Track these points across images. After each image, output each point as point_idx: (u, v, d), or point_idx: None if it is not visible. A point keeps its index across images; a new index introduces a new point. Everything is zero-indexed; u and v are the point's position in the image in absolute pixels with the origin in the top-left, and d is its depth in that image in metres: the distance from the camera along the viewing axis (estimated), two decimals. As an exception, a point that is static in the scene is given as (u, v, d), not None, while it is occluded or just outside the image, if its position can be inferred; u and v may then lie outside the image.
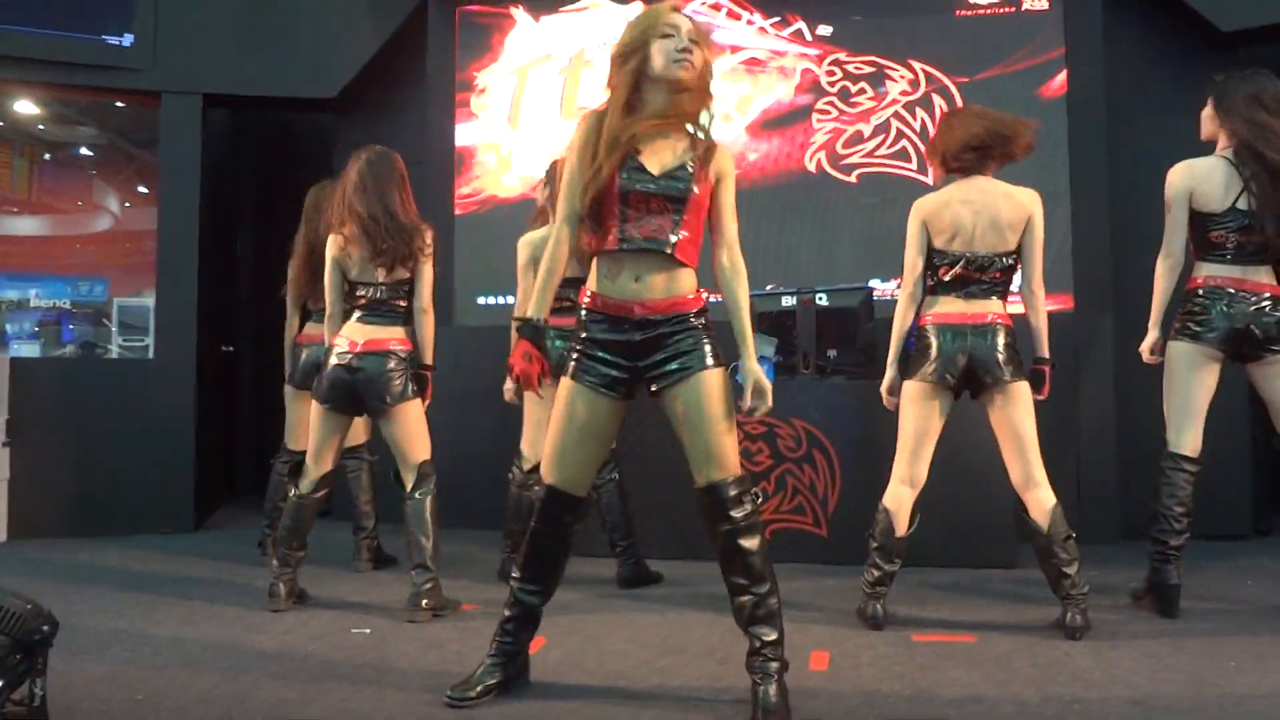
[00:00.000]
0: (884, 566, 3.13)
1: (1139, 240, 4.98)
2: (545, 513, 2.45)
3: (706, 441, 2.30)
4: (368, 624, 3.22)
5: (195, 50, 5.56)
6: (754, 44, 5.43)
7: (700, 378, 2.31)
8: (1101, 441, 4.85)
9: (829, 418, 4.25)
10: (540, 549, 2.48)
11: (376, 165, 3.44)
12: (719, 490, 2.31)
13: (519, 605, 2.47)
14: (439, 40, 5.82)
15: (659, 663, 2.74)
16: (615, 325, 2.35)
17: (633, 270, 2.33)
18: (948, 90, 5.15)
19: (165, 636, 3.06)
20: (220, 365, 6.34)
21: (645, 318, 2.32)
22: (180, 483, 5.41)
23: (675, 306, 2.33)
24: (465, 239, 5.74)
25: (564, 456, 2.40)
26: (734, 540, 2.30)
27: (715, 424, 2.31)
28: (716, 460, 2.31)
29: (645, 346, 2.34)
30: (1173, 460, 3.21)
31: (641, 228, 2.32)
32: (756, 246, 5.27)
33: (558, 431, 2.40)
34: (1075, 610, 2.97)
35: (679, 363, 2.32)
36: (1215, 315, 3.16)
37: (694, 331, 2.34)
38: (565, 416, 2.38)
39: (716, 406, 2.32)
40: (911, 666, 2.68)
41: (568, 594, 3.60)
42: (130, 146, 6.56)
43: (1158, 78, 5.10)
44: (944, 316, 3.14)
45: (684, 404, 2.31)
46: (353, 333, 3.40)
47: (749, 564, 2.30)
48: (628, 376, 2.37)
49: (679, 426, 2.34)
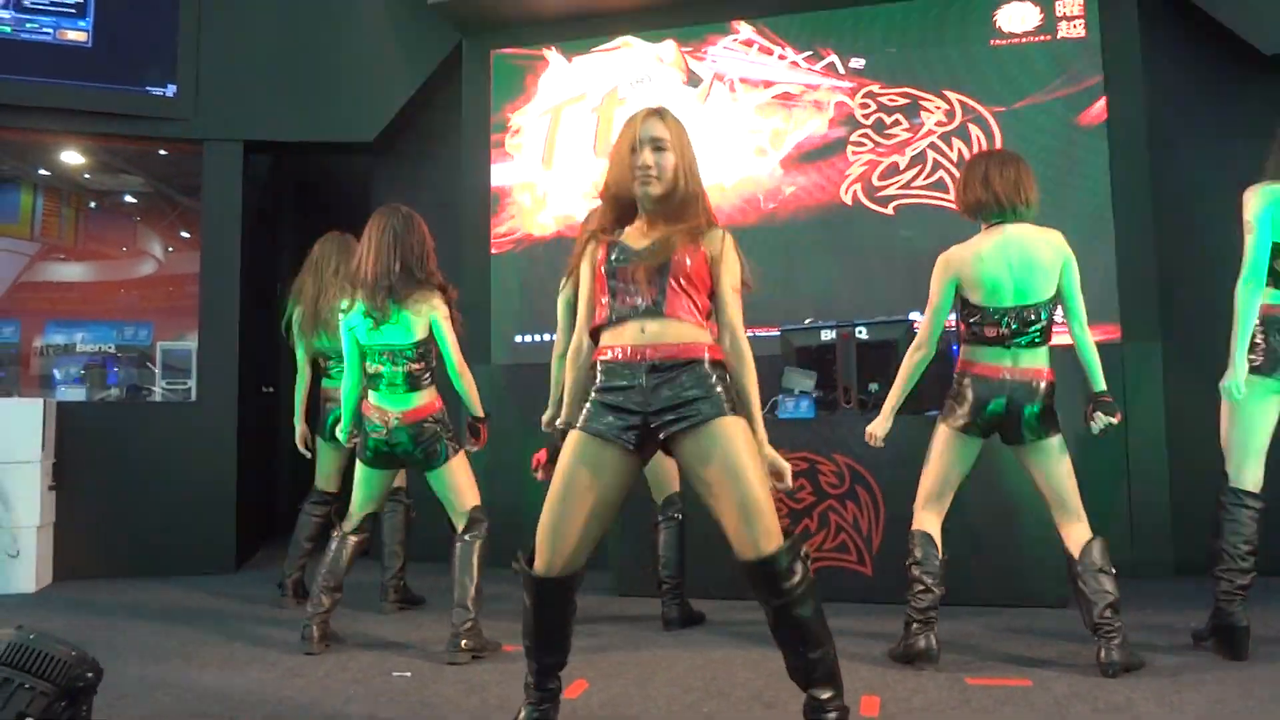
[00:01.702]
0: (934, 589, 3.06)
1: (1186, 267, 4.91)
2: (542, 601, 2.26)
3: (744, 501, 2.10)
4: (408, 667, 3.18)
5: (236, 99, 5.68)
6: (787, 78, 5.43)
7: (720, 426, 2.15)
8: (1153, 474, 4.72)
9: (871, 453, 4.13)
10: (547, 627, 2.31)
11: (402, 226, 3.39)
12: (770, 566, 2.10)
13: (543, 666, 2.35)
14: (473, 82, 5.90)
15: (705, 707, 2.68)
16: (626, 370, 2.22)
17: (637, 325, 2.24)
18: (984, 120, 5.11)
19: (208, 681, 3.05)
20: (261, 406, 6.40)
21: (657, 361, 2.20)
22: (222, 524, 5.45)
23: (688, 351, 2.21)
24: (501, 278, 5.76)
25: (562, 525, 2.19)
26: (787, 612, 2.15)
27: (749, 480, 2.11)
28: (760, 526, 2.10)
29: (657, 390, 2.19)
30: (1235, 496, 3.09)
31: (630, 298, 2.24)
32: (794, 281, 5.26)
33: (557, 493, 2.21)
34: (1108, 646, 2.89)
35: (692, 409, 2.16)
36: (1277, 345, 3.06)
37: (707, 378, 2.18)
38: (568, 470, 2.21)
39: (746, 458, 2.13)
40: (966, 711, 2.59)
41: (610, 635, 3.56)
42: (173, 193, 6.70)
43: (1199, 102, 5.03)
44: (986, 369, 3.08)
45: (705, 457, 2.14)
46: (382, 404, 3.41)
47: (803, 631, 2.16)
48: (638, 423, 2.20)
49: (704, 482, 2.16)
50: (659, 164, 2.25)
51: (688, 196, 2.28)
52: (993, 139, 5.08)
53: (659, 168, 2.25)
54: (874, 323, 4.37)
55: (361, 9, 5.90)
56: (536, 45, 5.83)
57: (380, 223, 3.40)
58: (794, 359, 4.42)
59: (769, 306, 5.00)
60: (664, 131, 2.28)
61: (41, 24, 5.47)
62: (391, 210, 3.45)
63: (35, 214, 6.68)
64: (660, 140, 2.26)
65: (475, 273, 5.78)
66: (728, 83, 5.52)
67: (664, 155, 2.26)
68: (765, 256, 5.31)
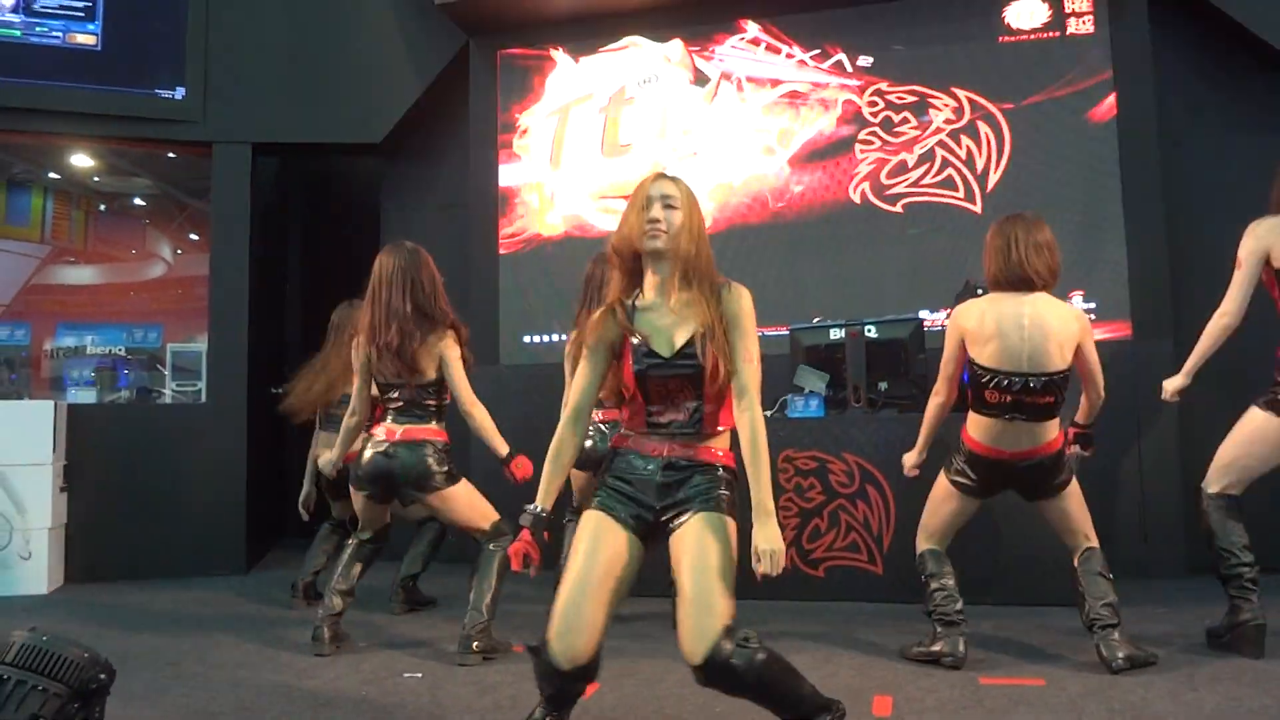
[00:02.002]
0: (956, 595, 3.09)
1: (1198, 264, 4.87)
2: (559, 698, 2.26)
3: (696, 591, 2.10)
4: (419, 668, 3.18)
5: (244, 101, 5.70)
6: (794, 77, 5.42)
7: (705, 518, 2.18)
8: (1164, 473, 4.70)
9: (881, 452, 4.16)
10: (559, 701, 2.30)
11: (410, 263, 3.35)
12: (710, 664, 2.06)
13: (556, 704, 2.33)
14: (481, 83, 5.90)
15: (717, 707, 2.67)
16: (644, 461, 2.27)
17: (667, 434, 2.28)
18: (993, 117, 5.09)
19: (220, 682, 3.05)
20: (270, 408, 6.40)
21: (674, 459, 2.25)
22: (233, 525, 5.46)
23: (704, 454, 2.26)
24: (509, 278, 5.76)
25: (576, 609, 2.17)
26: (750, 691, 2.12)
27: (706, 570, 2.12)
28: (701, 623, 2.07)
29: (667, 488, 2.23)
30: (1215, 500, 3.16)
31: (664, 414, 2.27)
32: (802, 279, 5.25)
33: (572, 574, 2.21)
34: (1104, 641, 2.92)
35: (692, 504, 2.20)
36: None
37: (715, 480, 2.23)
38: (584, 550, 2.22)
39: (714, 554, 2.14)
40: (979, 711, 2.58)
41: (621, 636, 3.54)
42: (182, 195, 6.72)
43: (1209, 97, 5.01)
44: (989, 450, 3.06)
45: (682, 539, 2.17)
46: (389, 424, 3.41)
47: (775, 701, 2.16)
48: (649, 517, 2.24)
49: (674, 559, 2.18)
50: (667, 220, 2.25)
51: (693, 258, 2.27)
52: (1002, 136, 5.07)
53: (667, 223, 2.25)
54: (883, 321, 4.36)
55: (368, 10, 5.90)
56: (543, 45, 5.83)
57: (388, 263, 3.35)
58: (803, 358, 4.41)
59: (777, 306, 5.00)
60: (674, 191, 2.28)
61: (51, 28, 5.50)
62: (397, 248, 3.40)
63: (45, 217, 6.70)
64: (670, 198, 2.27)
65: (483, 273, 5.78)
66: (735, 82, 5.51)
67: (673, 213, 2.26)
68: (773, 255, 5.31)
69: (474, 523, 3.43)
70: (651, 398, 2.28)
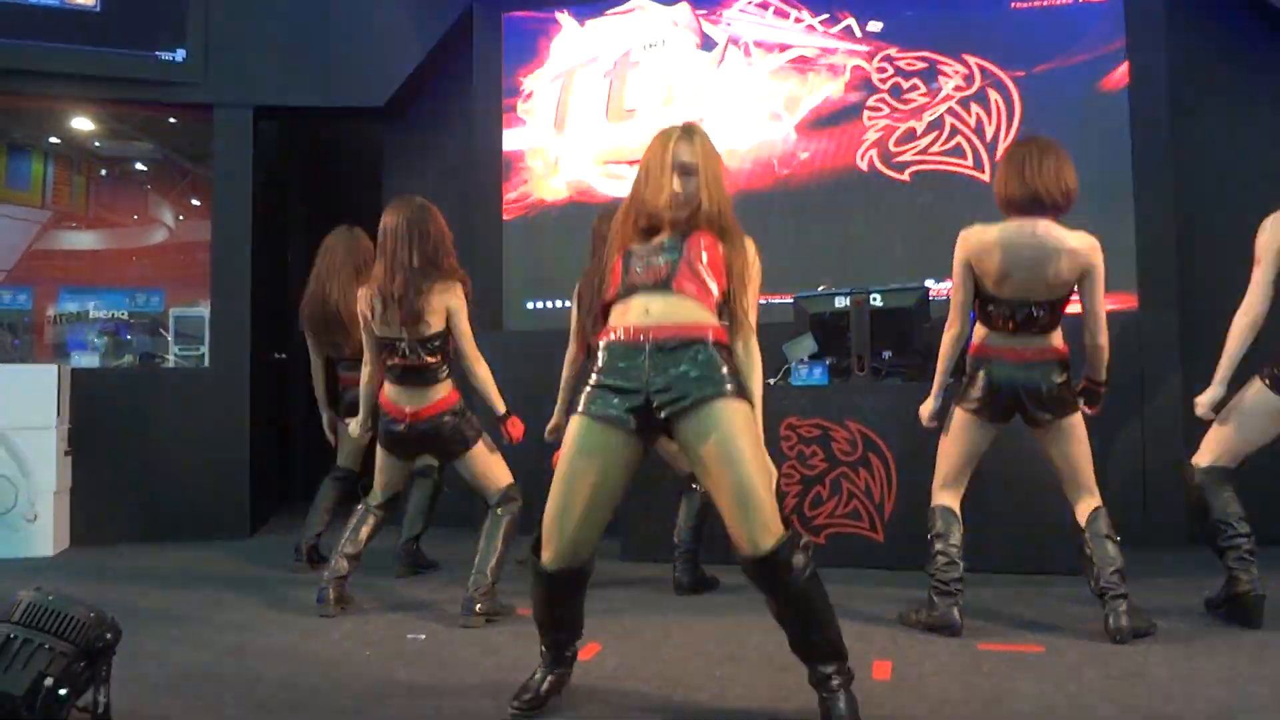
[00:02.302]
0: (959, 561, 3.07)
1: (1206, 235, 4.85)
2: (552, 594, 2.30)
3: (741, 490, 2.07)
4: (423, 630, 3.21)
5: (246, 64, 5.64)
6: (802, 42, 5.36)
7: (718, 408, 2.11)
8: (1168, 444, 4.69)
9: (884, 420, 4.16)
10: (558, 618, 2.35)
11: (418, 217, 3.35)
12: (771, 561, 2.07)
13: (556, 642, 2.40)
14: (485, 47, 5.84)
15: (717, 670, 2.69)
16: (627, 351, 2.20)
17: (642, 304, 2.23)
18: (1004, 84, 5.04)
19: (225, 643, 3.08)
20: (273, 373, 6.42)
21: (659, 340, 2.18)
22: (236, 488, 5.49)
23: (693, 330, 2.18)
24: (513, 243, 5.74)
25: (569, 518, 2.19)
26: (791, 603, 2.14)
27: (747, 467, 2.08)
28: (759, 518, 2.07)
29: (657, 366, 2.16)
30: (1206, 474, 3.17)
31: (642, 273, 2.24)
32: (808, 247, 5.22)
33: (561, 480, 2.21)
34: (1115, 613, 2.91)
35: (694, 387, 2.13)
36: None
37: (711, 358, 2.16)
38: (571, 456, 2.20)
39: (745, 444, 2.10)
40: (978, 676, 2.60)
41: (624, 599, 3.58)
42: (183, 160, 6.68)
43: (1223, 67, 4.94)
44: (995, 351, 3.06)
45: (703, 439, 2.11)
46: (399, 399, 3.41)
47: (808, 616, 2.15)
48: (639, 403, 2.17)
49: (701, 466, 2.14)
50: (686, 190, 2.24)
51: (712, 214, 2.26)
52: (1012, 104, 5.01)
53: (686, 194, 2.24)
54: (888, 289, 4.34)
55: (371, -28, 5.83)
56: (548, 8, 5.76)
57: (396, 216, 3.35)
58: (807, 326, 4.39)
59: (783, 273, 4.97)
60: (692, 157, 2.25)
61: (49, -13, 5.43)
62: (406, 202, 3.40)
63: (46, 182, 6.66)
64: (689, 166, 2.24)
65: (487, 238, 5.76)
66: (743, 46, 5.44)
67: (690, 180, 2.24)
68: (779, 222, 5.28)
69: (490, 482, 3.45)
70: (631, 266, 2.26)
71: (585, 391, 2.26)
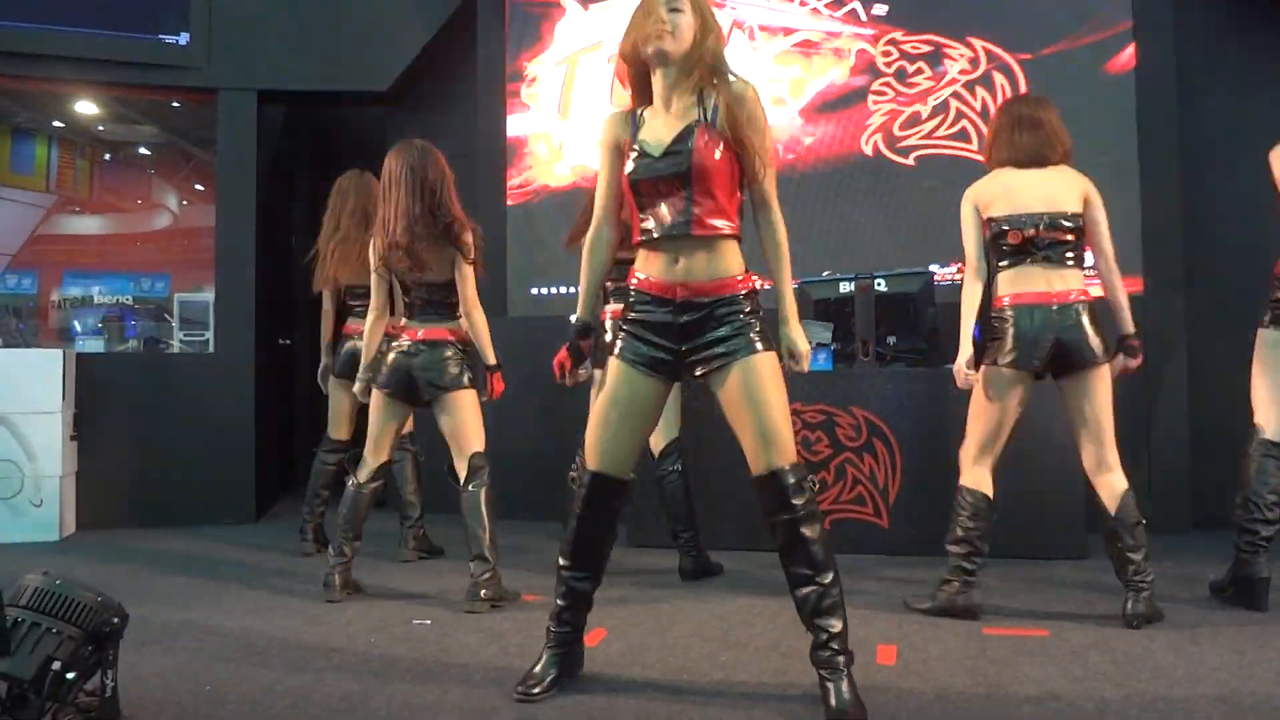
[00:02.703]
0: (983, 549, 3.05)
1: (1212, 220, 4.82)
2: (591, 499, 2.40)
3: (763, 425, 2.23)
4: (428, 615, 3.22)
5: (249, 48, 5.62)
6: (807, 25, 5.32)
7: (749, 362, 2.24)
8: (1174, 428, 4.69)
9: (889, 406, 4.16)
10: (587, 536, 2.43)
11: (420, 162, 3.37)
12: (779, 478, 2.23)
13: (571, 594, 2.44)
14: (489, 31, 5.81)
15: (722, 657, 2.70)
16: (659, 306, 2.31)
17: (670, 254, 2.29)
18: (1009, 68, 5.00)
19: (231, 628, 3.09)
20: (278, 358, 6.42)
21: (689, 299, 2.27)
22: (242, 473, 5.51)
23: (721, 289, 2.26)
24: (517, 229, 5.73)
25: (607, 438, 2.35)
26: (795, 529, 2.23)
27: (770, 408, 2.24)
28: (775, 445, 2.23)
29: (689, 330, 2.28)
30: (1265, 447, 3.08)
31: (657, 215, 2.28)
32: (813, 231, 5.19)
33: (601, 412, 2.36)
34: (1136, 598, 2.89)
35: (725, 347, 2.25)
36: None
37: (740, 315, 2.26)
38: (610, 396, 2.35)
39: (770, 390, 2.24)
40: (983, 661, 2.60)
41: (628, 585, 3.58)
42: (187, 145, 6.67)
43: (1230, 49, 4.91)
44: (1023, 296, 3.00)
45: (734, 390, 2.25)
46: (411, 325, 3.44)
47: (811, 553, 2.23)
48: (671, 359, 2.31)
49: (731, 412, 2.28)
50: (672, 22, 2.25)
51: (703, 56, 2.26)
52: (1017, 88, 4.98)
53: (672, 24, 2.24)
54: (893, 274, 4.33)
55: (374, -45, 5.80)
56: (552, -8, 5.73)
57: (398, 162, 3.36)
58: (812, 311, 4.38)
59: (787, 258, 4.95)
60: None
61: (52, -30, 5.41)
62: (407, 146, 3.41)
63: (50, 166, 6.66)
64: (677, 2, 2.26)
65: (491, 224, 5.71)
66: (747, 30, 5.41)
67: (680, 15, 2.25)
68: (784, 207, 5.22)
69: (464, 439, 3.41)
70: (644, 203, 2.31)
71: (621, 331, 2.37)
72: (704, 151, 2.23)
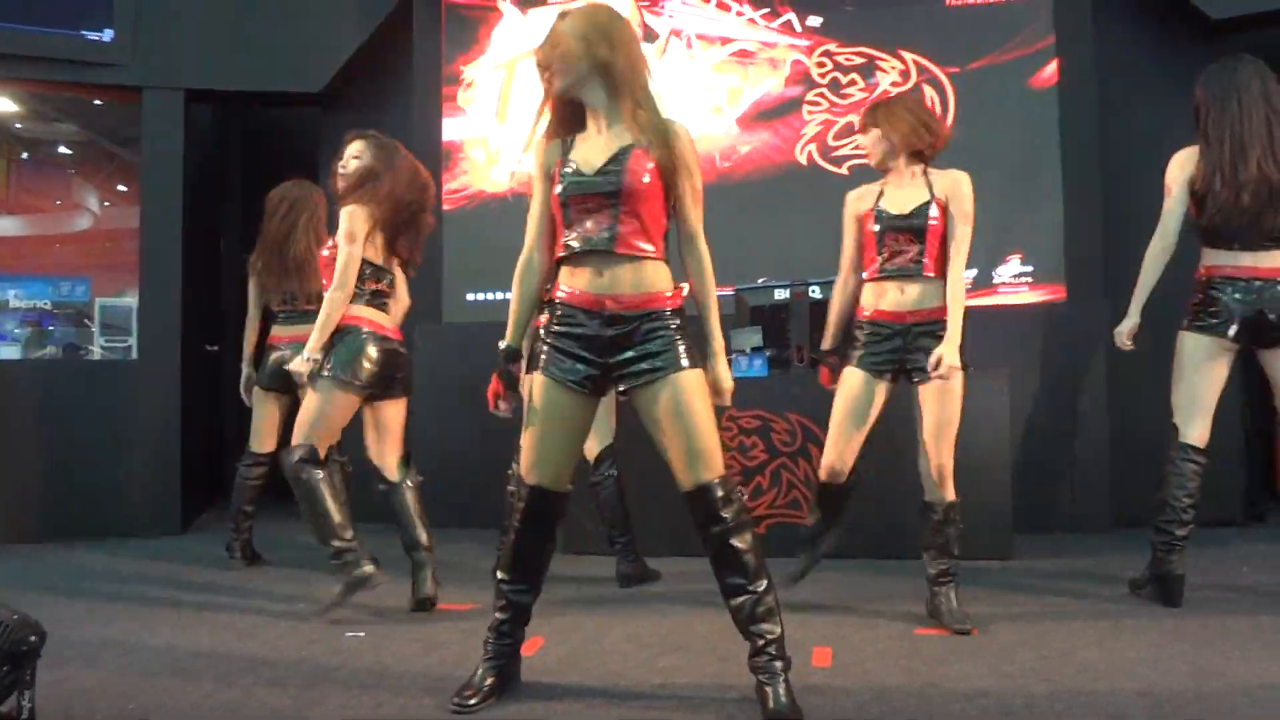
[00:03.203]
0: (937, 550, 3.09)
1: (1132, 229, 4.96)
2: (529, 512, 2.37)
3: (691, 441, 2.23)
4: (362, 627, 3.17)
5: (177, 45, 5.47)
6: (744, 35, 5.39)
7: (677, 379, 2.24)
8: (1095, 430, 4.85)
9: (824, 411, 4.17)
10: (527, 549, 2.41)
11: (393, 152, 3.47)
12: (709, 491, 2.24)
13: (511, 606, 2.41)
14: (425, 33, 5.76)
15: (660, 662, 2.71)
16: (585, 319, 2.28)
17: (595, 268, 2.28)
18: (939, 81, 5.13)
19: (156, 644, 3.00)
20: (205, 365, 6.26)
21: (616, 313, 2.26)
22: (166, 484, 5.35)
23: (649, 303, 2.27)
24: (453, 235, 5.67)
25: (541, 452, 2.34)
26: (726, 540, 2.23)
27: (699, 423, 2.24)
28: (703, 460, 2.24)
29: (615, 344, 2.27)
30: (1183, 451, 3.19)
31: (582, 230, 2.28)
32: (748, 239, 5.24)
33: (533, 428, 2.34)
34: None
35: (652, 363, 2.25)
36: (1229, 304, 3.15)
37: (668, 330, 2.26)
38: (538, 411, 2.32)
39: (698, 406, 2.25)
40: (916, 660, 2.66)
41: (566, 592, 3.57)
42: (110, 144, 6.46)
43: (1149, 66, 5.10)
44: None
45: (661, 406, 2.25)
46: (379, 319, 3.39)
47: (744, 563, 2.24)
48: (598, 373, 2.30)
49: (658, 428, 2.27)
50: (549, 59, 2.29)
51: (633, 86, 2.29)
52: (947, 100, 5.11)
53: (555, 61, 2.29)
54: (827, 282, 4.36)
55: (308, -46, 5.70)
56: (489, -4, 5.71)
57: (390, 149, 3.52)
58: (748, 318, 4.43)
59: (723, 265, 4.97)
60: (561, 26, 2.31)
61: (-34, -39, 5.20)
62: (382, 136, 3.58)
63: (-37, 165, 6.40)
64: (557, 35, 2.30)
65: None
66: (685, 39, 5.45)
67: (555, 50, 2.29)
68: (720, 215, 5.22)
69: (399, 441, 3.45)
70: (571, 219, 2.30)
71: (544, 348, 2.34)
72: (636, 174, 2.24)
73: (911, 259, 3.02)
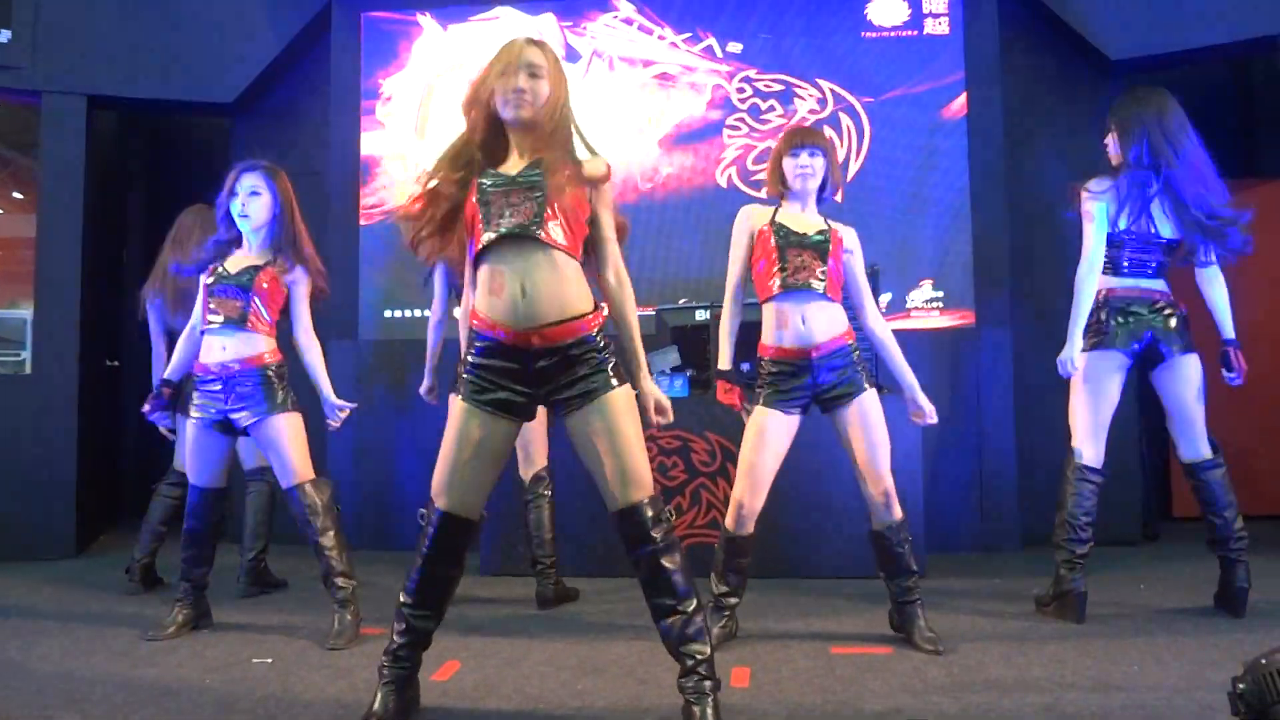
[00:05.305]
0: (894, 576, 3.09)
1: (1036, 257, 5.20)
2: (438, 538, 2.31)
3: (621, 461, 2.23)
4: (269, 653, 3.05)
5: (80, 48, 5.27)
6: (666, 59, 5.44)
7: (606, 400, 2.23)
8: (1002, 453, 5.00)
9: (743, 431, 4.24)
10: (433, 575, 2.33)
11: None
12: (638, 511, 2.22)
13: (411, 631, 2.34)
14: (342, 46, 5.66)
15: (579, 684, 2.68)
16: (512, 354, 2.24)
17: (515, 277, 2.21)
18: (854, 109, 5.26)
19: (49, 671, 2.84)
20: (104, 381, 5.99)
21: (544, 348, 2.23)
22: (61, 505, 5.09)
23: (575, 331, 2.23)
24: (370, 250, 5.57)
25: (456, 479, 2.28)
26: (656, 561, 2.22)
27: (629, 444, 2.24)
28: (633, 480, 2.23)
29: (544, 374, 2.25)
30: (1079, 471, 3.29)
31: (502, 219, 2.22)
32: (670, 261, 5.30)
33: (450, 453, 2.28)
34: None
35: (581, 387, 2.23)
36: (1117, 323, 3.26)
37: (595, 354, 2.25)
38: (458, 438, 2.27)
39: (628, 426, 2.25)
40: (832, 679, 2.69)
41: (482, 615, 3.51)
42: (5, 149, 6.18)
43: (1052, 101, 5.34)
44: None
45: (592, 428, 2.23)
46: None
47: (673, 583, 2.23)
48: (525, 401, 2.28)
49: (588, 449, 2.26)
50: (533, 89, 2.25)
51: (559, 129, 2.28)
52: (862, 128, 5.24)
53: (533, 93, 2.25)
54: (747, 304, 4.43)
55: (222, -41, 5.56)
56: (410, 10, 5.65)
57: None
58: (669, 338, 4.45)
59: (645, 286, 5.03)
60: (542, 60, 2.28)
61: None
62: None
63: None
64: (537, 68, 2.26)
65: (342, 244, 5.57)
66: (607, 60, 5.48)
67: (539, 83, 2.26)
68: (642, 236, 5.33)
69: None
70: (490, 214, 2.24)
71: (465, 374, 2.30)
72: (560, 175, 2.23)
73: (816, 275, 3.06)
